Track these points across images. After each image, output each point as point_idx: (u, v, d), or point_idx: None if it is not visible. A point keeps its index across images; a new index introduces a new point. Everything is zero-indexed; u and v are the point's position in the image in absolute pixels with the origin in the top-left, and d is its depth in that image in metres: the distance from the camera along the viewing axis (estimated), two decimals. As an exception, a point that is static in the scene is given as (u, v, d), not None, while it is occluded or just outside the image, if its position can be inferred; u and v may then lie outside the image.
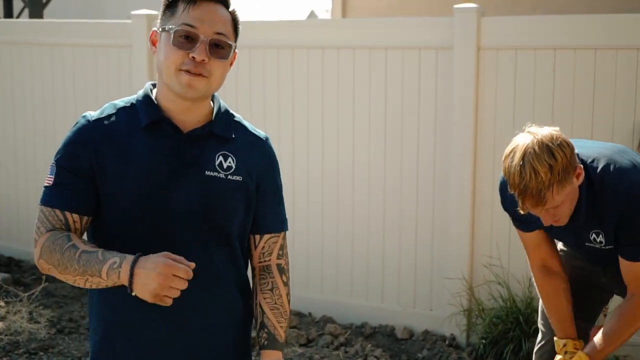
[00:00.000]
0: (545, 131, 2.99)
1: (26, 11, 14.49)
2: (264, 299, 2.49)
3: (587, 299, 3.66)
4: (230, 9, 2.35)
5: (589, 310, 3.71)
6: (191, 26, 2.25)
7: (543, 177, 2.90)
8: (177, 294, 2.11)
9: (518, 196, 2.99)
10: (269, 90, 6.08)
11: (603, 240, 3.23)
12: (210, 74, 2.27)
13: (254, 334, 2.52)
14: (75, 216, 2.29)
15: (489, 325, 5.30)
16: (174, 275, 2.08)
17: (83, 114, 2.39)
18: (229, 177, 2.36)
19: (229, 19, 2.33)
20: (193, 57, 2.24)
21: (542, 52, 5.25)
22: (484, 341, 5.28)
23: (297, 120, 5.93)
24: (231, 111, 2.47)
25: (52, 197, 2.30)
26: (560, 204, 3.02)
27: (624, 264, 3.21)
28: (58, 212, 2.28)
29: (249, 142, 2.45)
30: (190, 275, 2.11)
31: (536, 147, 2.92)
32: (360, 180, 5.87)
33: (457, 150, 5.47)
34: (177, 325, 2.32)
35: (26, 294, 6.01)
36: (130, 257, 2.14)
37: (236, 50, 2.37)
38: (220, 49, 2.28)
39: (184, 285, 2.10)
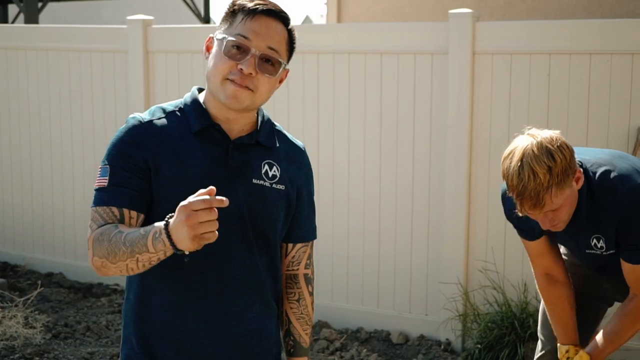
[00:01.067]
0: (545, 133, 2.98)
1: (21, 16, 14.48)
2: (291, 308, 2.56)
3: (585, 314, 3.65)
4: (289, 27, 2.35)
5: (584, 329, 3.68)
6: (245, 38, 2.26)
7: (542, 179, 2.88)
8: (211, 227, 2.00)
9: (516, 198, 2.97)
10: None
11: (604, 246, 3.22)
12: (256, 89, 2.27)
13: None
14: (133, 213, 2.26)
15: (484, 330, 5.31)
16: (194, 211, 2.00)
17: (132, 115, 2.36)
18: (274, 185, 2.38)
19: (285, 37, 2.33)
20: (241, 69, 2.24)
21: (537, 57, 5.26)
22: (479, 346, 5.28)
23: (292, 125, 5.93)
24: (272, 120, 2.50)
25: (108, 198, 2.26)
26: (559, 208, 3.00)
27: (625, 267, 3.21)
28: (115, 209, 2.25)
29: (289, 152, 2.48)
30: (210, 203, 2.00)
31: (535, 149, 2.91)
32: (355, 186, 5.87)
33: (452, 155, 5.48)
34: (217, 328, 2.34)
35: (22, 299, 6.00)
36: (163, 222, 2.09)
37: (287, 68, 2.38)
38: (270, 64, 2.29)
39: (210, 215, 1.99)
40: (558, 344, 3.51)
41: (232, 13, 2.31)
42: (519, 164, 2.92)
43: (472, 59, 5.39)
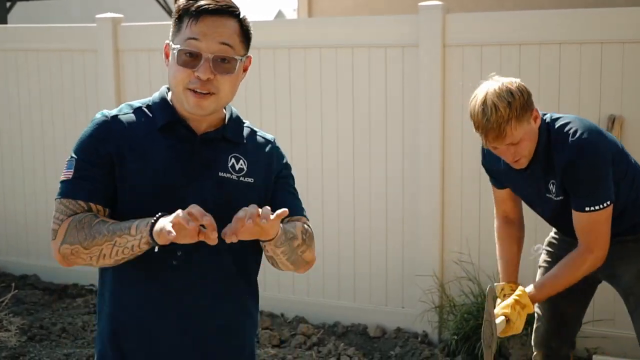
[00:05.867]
0: (506, 78, 3.38)
1: (-10, 17, 14.36)
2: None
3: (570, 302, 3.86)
4: (241, 17, 2.33)
5: (569, 325, 3.94)
6: (194, 42, 2.25)
7: (502, 112, 3.26)
8: (184, 231, 2.04)
9: (481, 132, 3.34)
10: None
11: (556, 192, 3.51)
12: (218, 90, 2.28)
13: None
14: (100, 207, 2.30)
15: (460, 321, 5.33)
16: (191, 212, 2.07)
17: (100, 111, 2.40)
18: (241, 178, 2.39)
19: (236, 29, 2.31)
20: (198, 77, 2.24)
21: (507, 48, 5.28)
22: (455, 337, 5.30)
23: (265, 121, 5.92)
24: (241, 117, 2.51)
25: (73, 190, 2.30)
26: (520, 142, 3.35)
27: (573, 214, 3.48)
28: (82, 202, 2.29)
29: (258, 145, 2.49)
30: (205, 219, 2.06)
31: (497, 88, 3.31)
32: (329, 180, 5.87)
33: (425, 147, 5.49)
34: (187, 324, 2.35)
35: (-5, 302, 5.97)
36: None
37: (250, 55, 2.38)
38: (226, 63, 2.28)
39: (193, 228, 2.05)
40: (495, 284, 3.79)
41: (179, 18, 2.30)
42: (482, 100, 3.30)
43: (442, 51, 5.40)
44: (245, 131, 2.49)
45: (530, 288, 3.55)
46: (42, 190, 6.92)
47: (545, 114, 3.53)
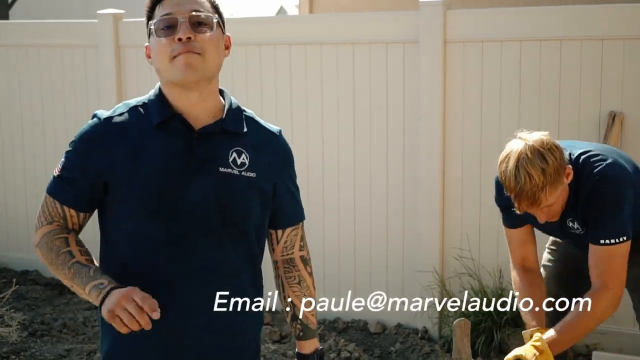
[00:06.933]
0: (535, 136, 3.20)
1: (-8, 12, 14.37)
2: (293, 292, 2.56)
3: (576, 275, 3.72)
4: None
5: (576, 282, 3.74)
6: (168, 14, 2.28)
7: (537, 180, 3.11)
8: (127, 319, 2.09)
9: (514, 198, 3.19)
10: (237, 88, 6.07)
11: (579, 227, 3.43)
12: (202, 51, 2.28)
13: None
14: (73, 212, 2.34)
15: (460, 317, 5.32)
16: (133, 299, 2.11)
17: (95, 112, 2.41)
18: (243, 173, 2.36)
19: (204, 1, 2.35)
20: (179, 39, 2.26)
21: (508, 44, 5.28)
22: (456, 333, 5.30)
23: (266, 117, 5.90)
24: (242, 107, 2.48)
25: (55, 189, 2.36)
26: (554, 203, 3.24)
27: (589, 248, 3.39)
28: (58, 205, 2.35)
29: (262, 138, 2.46)
30: (145, 306, 2.10)
31: (529, 152, 3.13)
32: (329, 175, 5.87)
33: (426, 144, 5.49)
34: (192, 322, 2.34)
35: (-3, 298, 5.98)
36: (112, 285, 2.19)
37: (228, 34, 2.41)
38: (203, 25, 2.30)
39: (136, 312, 2.09)
40: (523, 332, 3.52)
41: (150, 9, 2.36)
42: (515, 167, 3.14)
43: (443, 48, 5.40)
44: (247, 121, 2.45)
45: (550, 339, 3.29)
46: (42, 186, 6.86)
47: (571, 153, 3.39)
